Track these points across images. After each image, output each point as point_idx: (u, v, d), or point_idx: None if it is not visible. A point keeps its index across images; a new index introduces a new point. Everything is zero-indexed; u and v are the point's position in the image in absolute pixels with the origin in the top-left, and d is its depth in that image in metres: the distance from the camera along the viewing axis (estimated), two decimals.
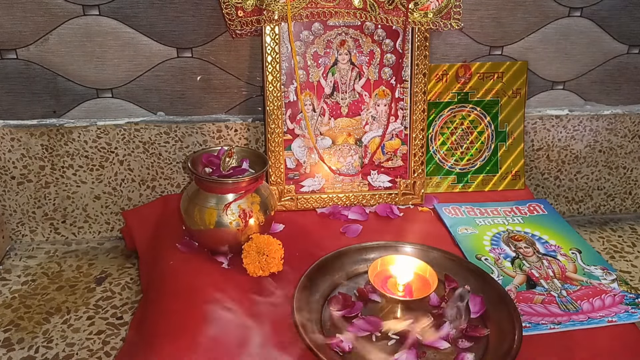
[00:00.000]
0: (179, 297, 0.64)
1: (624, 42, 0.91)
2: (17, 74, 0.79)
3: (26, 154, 0.82)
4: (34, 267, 0.81)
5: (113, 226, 0.89)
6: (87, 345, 0.66)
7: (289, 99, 0.80)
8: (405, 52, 0.80)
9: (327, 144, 0.82)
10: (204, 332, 0.58)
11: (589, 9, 0.87)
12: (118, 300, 0.74)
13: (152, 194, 0.88)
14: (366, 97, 0.81)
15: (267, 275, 0.67)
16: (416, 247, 0.70)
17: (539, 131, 0.93)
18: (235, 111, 0.86)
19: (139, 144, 0.84)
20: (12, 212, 0.86)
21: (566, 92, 0.94)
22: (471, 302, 0.62)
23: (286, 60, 0.78)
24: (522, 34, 0.88)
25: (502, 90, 0.88)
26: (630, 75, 0.94)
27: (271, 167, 0.80)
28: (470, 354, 0.55)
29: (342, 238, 0.76)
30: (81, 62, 0.80)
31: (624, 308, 0.64)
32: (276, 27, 0.76)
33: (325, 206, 0.83)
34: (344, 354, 0.55)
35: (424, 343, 0.57)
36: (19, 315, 0.71)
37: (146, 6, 0.78)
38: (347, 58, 0.80)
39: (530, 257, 0.73)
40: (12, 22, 0.76)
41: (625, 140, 0.96)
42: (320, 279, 0.65)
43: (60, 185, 0.85)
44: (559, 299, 0.65)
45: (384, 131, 0.82)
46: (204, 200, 0.68)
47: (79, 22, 0.77)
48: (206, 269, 0.69)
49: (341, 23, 0.79)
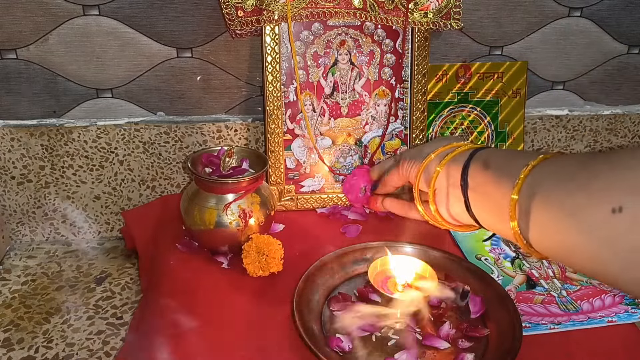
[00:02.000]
0: (179, 297, 0.64)
1: (624, 42, 0.91)
2: (17, 74, 0.79)
3: (26, 154, 0.82)
4: (33, 267, 0.81)
5: (113, 226, 0.89)
6: (87, 345, 0.66)
7: (289, 99, 0.80)
8: (405, 52, 0.80)
9: (327, 144, 0.82)
10: (204, 332, 0.58)
11: (589, 9, 0.87)
12: (118, 300, 0.74)
13: (152, 194, 0.88)
14: (366, 97, 0.82)
15: (267, 275, 0.67)
16: (416, 247, 0.70)
17: (539, 131, 0.93)
18: (235, 111, 0.86)
19: (139, 144, 0.84)
20: (12, 212, 0.86)
21: (566, 92, 0.94)
22: (471, 302, 0.62)
23: (286, 60, 0.78)
24: (522, 34, 0.88)
25: (502, 90, 0.88)
26: (630, 75, 0.94)
27: (271, 167, 0.80)
28: (470, 354, 0.55)
29: (342, 238, 0.76)
30: (81, 62, 0.80)
31: (623, 308, 0.64)
32: (276, 27, 0.76)
33: (325, 206, 0.83)
34: (344, 354, 0.55)
35: (423, 343, 0.57)
36: (19, 315, 0.71)
37: (146, 6, 0.78)
38: (347, 58, 0.80)
39: (530, 257, 0.73)
40: (12, 22, 0.76)
41: (625, 140, 0.96)
42: (320, 279, 0.65)
43: (60, 185, 0.85)
44: (558, 299, 0.65)
45: (383, 131, 0.82)
46: (204, 200, 0.68)
47: (79, 22, 0.78)
48: (206, 269, 0.69)
49: (341, 23, 0.79)
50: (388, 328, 0.59)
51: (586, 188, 0.39)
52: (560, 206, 0.40)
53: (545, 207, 0.42)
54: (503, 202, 0.46)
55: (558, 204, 0.41)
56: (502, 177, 0.47)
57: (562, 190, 0.41)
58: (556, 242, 0.42)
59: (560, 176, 0.42)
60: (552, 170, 0.43)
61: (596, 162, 0.40)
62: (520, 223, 0.45)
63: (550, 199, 0.42)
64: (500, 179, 0.47)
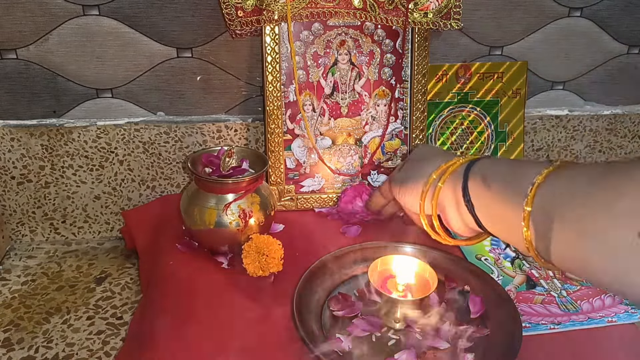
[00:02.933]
0: (179, 297, 0.64)
1: (624, 42, 0.91)
2: (17, 74, 0.79)
3: (26, 154, 0.82)
4: (33, 267, 0.81)
5: (113, 226, 0.89)
6: (87, 345, 0.66)
7: (288, 99, 0.80)
8: (405, 52, 0.80)
9: (327, 144, 0.82)
10: (204, 333, 0.58)
11: (589, 9, 0.87)
12: (118, 300, 0.74)
13: (152, 194, 0.88)
14: (366, 97, 0.81)
15: (267, 275, 0.67)
16: (416, 247, 0.70)
17: (539, 131, 0.93)
18: (235, 111, 0.86)
19: (139, 144, 0.84)
20: (12, 212, 0.86)
21: (566, 92, 0.94)
22: (471, 302, 0.62)
23: (286, 60, 0.78)
24: (522, 34, 0.88)
25: (502, 90, 0.88)
26: (630, 75, 0.94)
27: (271, 167, 0.80)
28: (470, 354, 0.55)
29: (342, 238, 0.76)
30: (81, 62, 0.80)
31: (623, 308, 0.64)
32: (276, 27, 0.76)
33: (325, 206, 0.83)
34: (344, 354, 0.55)
35: (423, 343, 0.57)
36: (19, 315, 0.71)
37: (146, 6, 0.78)
38: (347, 58, 0.80)
39: (530, 257, 0.73)
40: (12, 22, 0.76)
41: (625, 140, 0.96)
42: (320, 279, 0.65)
43: (60, 185, 0.85)
44: (558, 299, 0.65)
45: (383, 131, 0.82)
46: (204, 200, 0.68)
47: (79, 22, 0.78)
48: (206, 269, 0.69)
49: (341, 23, 0.79)
50: (388, 328, 0.59)
51: (609, 210, 0.37)
52: (580, 227, 0.39)
53: (562, 228, 0.40)
54: (514, 222, 0.44)
55: (577, 224, 0.39)
56: (508, 195, 0.45)
57: (579, 209, 0.39)
58: (578, 263, 0.40)
59: (574, 192, 0.40)
60: (564, 185, 0.41)
61: (616, 176, 0.37)
62: (538, 245, 0.43)
63: (566, 219, 0.40)
64: (507, 198, 0.45)
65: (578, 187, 0.40)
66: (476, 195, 0.50)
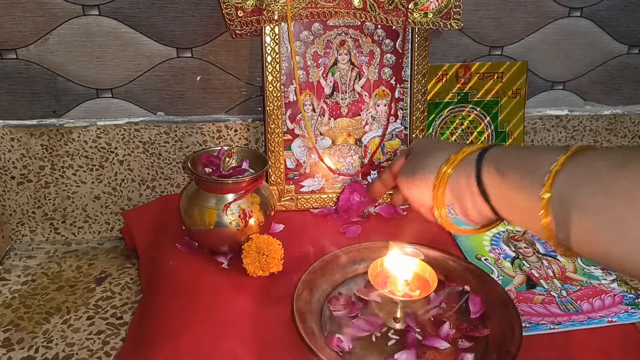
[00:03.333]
0: (179, 297, 0.64)
1: (624, 42, 0.91)
2: (17, 74, 0.79)
3: (26, 154, 0.82)
4: (33, 267, 0.81)
5: (113, 226, 0.89)
6: (87, 345, 0.66)
7: (288, 99, 0.80)
8: (405, 52, 0.80)
9: (327, 144, 0.82)
10: (204, 332, 0.58)
11: (589, 9, 0.87)
12: (118, 300, 0.74)
13: (152, 194, 0.88)
14: (366, 97, 0.81)
15: (267, 275, 0.67)
16: (416, 247, 0.70)
17: (539, 131, 0.93)
18: (235, 111, 0.86)
19: (139, 144, 0.84)
20: (12, 212, 0.86)
21: (566, 93, 0.94)
22: (471, 302, 0.62)
23: (286, 60, 0.78)
24: (522, 34, 0.88)
25: (502, 90, 0.88)
26: (630, 75, 0.94)
27: (271, 167, 0.80)
28: (470, 354, 0.55)
29: (342, 238, 0.76)
30: (81, 62, 0.80)
31: (623, 308, 0.64)
32: (276, 27, 0.76)
33: (325, 206, 0.83)
34: (344, 354, 0.55)
35: (423, 343, 0.57)
36: (19, 315, 0.71)
37: (146, 6, 0.78)
38: (347, 58, 0.80)
39: (530, 257, 0.73)
40: (12, 22, 0.76)
41: (625, 140, 0.96)
42: (320, 279, 0.65)
43: (60, 185, 0.85)
44: (558, 299, 0.65)
45: (383, 131, 0.82)
46: (204, 200, 0.68)
47: (79, 22, 0.77)
48: (206, 269, 0.69)
49: (341, 23, 0.79)
50: (388, 328, 0.59)
51: (630, 199, 0.36)
52: (600, 217, 0.38)
53: (581, 217, 0.40)
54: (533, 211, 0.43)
55: (597, 214, 0.39)
56: (525, 184, 0.44)
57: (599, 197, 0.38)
58: (599, 251, 0.40)
59: (592, 180, 0.39)
60: (582, 172, 0.41)
61: (636, 165, 0.37)
62: (558, 233, 0.42)
63: (585, 208, 0.39)
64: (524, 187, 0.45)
65: (597, 175, 0.39)
66: (491, 185, 0.49)
